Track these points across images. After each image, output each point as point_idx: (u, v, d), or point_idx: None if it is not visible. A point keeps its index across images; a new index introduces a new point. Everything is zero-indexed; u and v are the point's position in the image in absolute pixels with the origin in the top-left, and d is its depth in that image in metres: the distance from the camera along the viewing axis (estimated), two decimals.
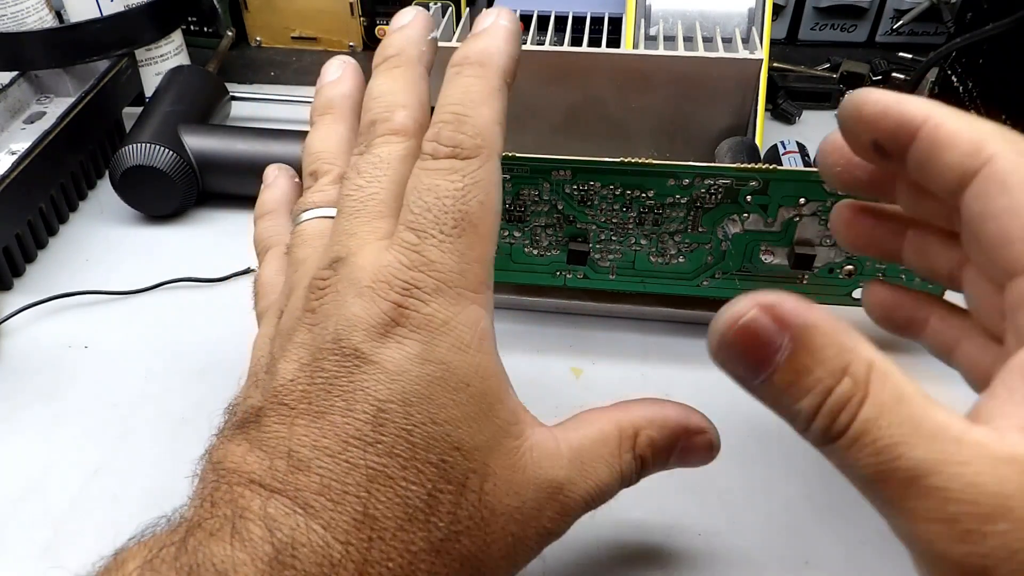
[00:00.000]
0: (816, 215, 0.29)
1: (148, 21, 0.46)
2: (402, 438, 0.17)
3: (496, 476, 0.18)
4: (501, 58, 0.21)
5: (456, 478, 0.18)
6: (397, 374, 0.18)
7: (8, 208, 0.36)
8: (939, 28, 0.55)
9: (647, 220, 0.30)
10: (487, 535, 0.18)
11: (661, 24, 0.41)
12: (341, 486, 0.17)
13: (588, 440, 0.20)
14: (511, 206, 0.30)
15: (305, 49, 0.57)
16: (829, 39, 0.57)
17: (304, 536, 0.16)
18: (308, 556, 0.16)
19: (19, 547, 0.26)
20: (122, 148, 0.39)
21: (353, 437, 0.17)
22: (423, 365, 0.18)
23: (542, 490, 0.19)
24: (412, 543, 0.17)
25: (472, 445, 0.18)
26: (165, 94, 0.43)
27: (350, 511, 0.17)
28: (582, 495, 0.20)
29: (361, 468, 0.17)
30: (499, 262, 0.32)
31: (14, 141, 0.41)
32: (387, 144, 0.21)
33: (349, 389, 0.18)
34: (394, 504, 0.17)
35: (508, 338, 0.33)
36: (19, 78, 0.44)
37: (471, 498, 0.18)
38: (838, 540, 0.25)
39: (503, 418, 0.19)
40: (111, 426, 0.30)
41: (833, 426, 0.15)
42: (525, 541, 0.19)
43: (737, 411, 0.30)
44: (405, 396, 0.18)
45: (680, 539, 0.26)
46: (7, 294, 0.36)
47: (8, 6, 0.43)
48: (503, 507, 0.18)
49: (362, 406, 0.18)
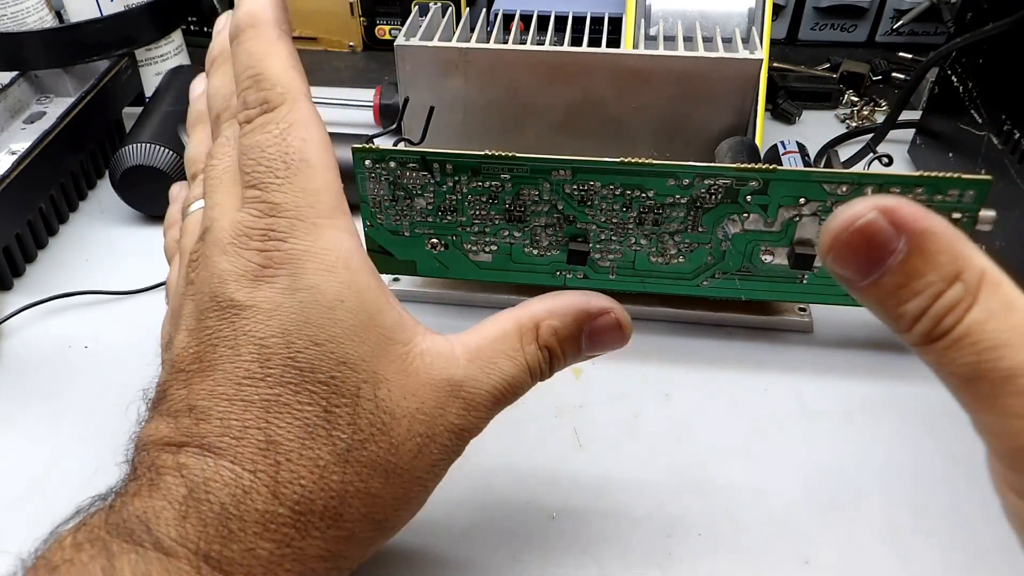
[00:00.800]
0: (816, 215, 0.29)
1: (148, 21, 0.46)
2: (288, 366, 0.19)
3: (389, 382, 0.20)
4: (267, 11, 0.22)
5: (348, 391, 0.19)
6: (272, 310, 0.19)
7: (8, 208, 0.36)
8: (939, 28, 0.55)
9: (647, 220, 0.30)
10: (392, 438, 0.19)
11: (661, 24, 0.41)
12: (241, 423, 0.18)
13: (487, 339, 0.22)
14: (511, 206, 0.30)
15: (305, 49, 0.57)
16: (829, 39, 0.57)
17: (214, 473, 0.18)
18: (220, 488, 0.18)
19: (19, 547, 0.26)
20: (122, 148, 0.39)
21: (244, 378, 0.19)
22: (294, 294, 0.19)
23: (440, 389, 0.20)
24: (319, 459, 0.18)
25: (358, 357, 0.19)
26: (165, 94, 0.43)
27: (253, 442, 0.18)
28: (488, 390, 0.21)
29: (256, 403, 0.18)
30: (499, 262, 0.32)
31: (14, 141, 0.41)
32: (231, 126, 0.23)
33: (232, 337, 0.19)
34: (294, 427, 0.18)
35: None
36: (19, 78, 0.44)
37: (367, 406, 0.19)
38: (838, 540, 0.25)
39: (386, 327, 0.20)
40: (111, 426, 0.30)
41: (936, 329, 0.16)
42: (435, 439, 0.20)
43: (738, 411, 0.30)
44: (283, 328, 0.19)
45: (680, 539, 0.26)
46: (7, 294, 0.36)
47: (8, 6, 0.43)
48: (402, 410, 0.20)
49: (247, 348, 0.19)
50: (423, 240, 0.32)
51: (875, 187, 0.28)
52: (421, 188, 0.30)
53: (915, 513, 0.26)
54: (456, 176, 0.30)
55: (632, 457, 0.28)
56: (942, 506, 0.26)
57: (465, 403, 0.21)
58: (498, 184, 0.30)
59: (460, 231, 0.31)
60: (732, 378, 0.31)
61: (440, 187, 0.30)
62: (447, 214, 0.31)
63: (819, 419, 0.30)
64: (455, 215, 0.31)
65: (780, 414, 0.30)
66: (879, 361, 0.32)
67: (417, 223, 0.31)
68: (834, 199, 0.28)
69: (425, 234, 0.32)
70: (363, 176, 0.30)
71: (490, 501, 0.27)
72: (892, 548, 0.25)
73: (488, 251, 0.32)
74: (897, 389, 0.30)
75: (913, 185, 0.27)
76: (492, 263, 0.32)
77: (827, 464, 0.28)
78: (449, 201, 0.30)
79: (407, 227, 0.32)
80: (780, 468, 0.28)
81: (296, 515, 0.18)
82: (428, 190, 0.30)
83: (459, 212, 0.31)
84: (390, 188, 0.30)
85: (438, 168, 0.30)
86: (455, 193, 0.30)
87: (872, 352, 0.32)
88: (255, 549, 0.18)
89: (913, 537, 0.25)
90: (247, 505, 0.18)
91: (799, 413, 0.30)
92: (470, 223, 0.31)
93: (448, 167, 0.30)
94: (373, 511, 0.19)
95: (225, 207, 0.21)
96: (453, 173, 0.30)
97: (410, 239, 0.32)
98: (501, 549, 0.25)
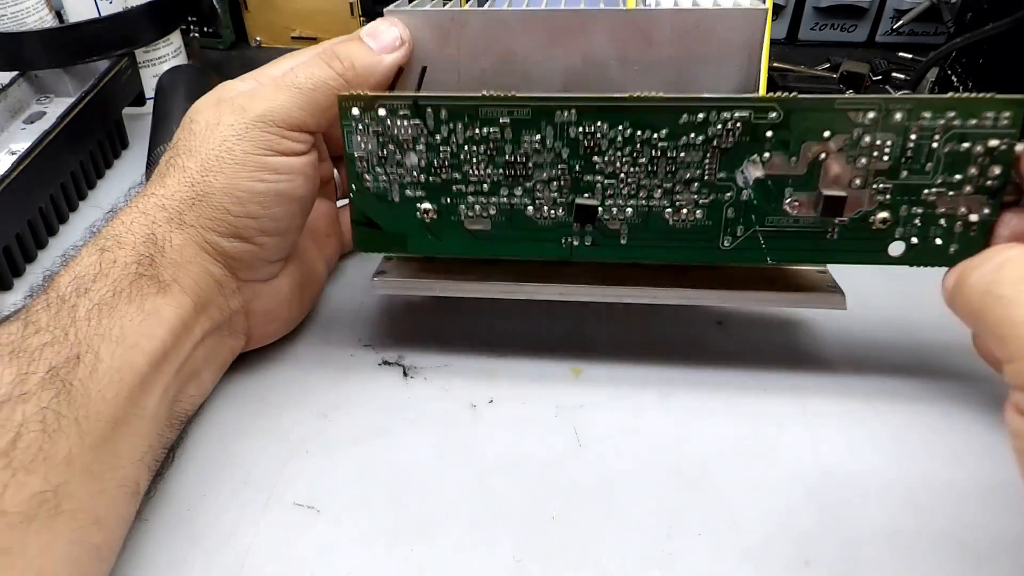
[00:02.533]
0: (843, 152, 0.27)
1: (147, 21, 0.46)
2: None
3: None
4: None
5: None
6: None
7: (8, 208, 0.36)
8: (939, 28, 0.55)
9: (660, 169, 0.28)
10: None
11: None
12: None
13: None
14: (511, 158, 0.28)
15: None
16: (829, 39, 0.57)
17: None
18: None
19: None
20: (161, 147, 0.38)
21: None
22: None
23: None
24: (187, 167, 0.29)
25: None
26: (175, 92, 0.43)
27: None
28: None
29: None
30: (497, 230, 0.30)
31: (14, 141, 0.41)
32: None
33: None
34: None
35: (508, 339, 0.33)
36: (19, 78, 0.44)
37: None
38: (838, 540, 0.25)
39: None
40: None
41: None
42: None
43: (738, 410, 0.30)
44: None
45: (680, 539, 0.26)
46: (7, 294, 0.37)
47: (8, 6, 0.43)
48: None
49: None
50: (413, 207, 0.29)
51: (903, 111, 0.26)
52: (413, 140, 0.28)
53: (915, 513, 0.26)
54: (451, 123, 0.28)
55: (632, 457, 0.28)
56: (943, 506, 0.26)
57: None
58: (497, 131, 0.28)
59: (455, 192, 0.29)
60: (732, 377, 0.31)
61: (433, 137, 0.28)
62: (441, 171, 0.29)
63: (820, 418, 0.30)
64: (450, 172, 0.29)
65: (780, 413, 0.30)
66: (880, 361, 0.32)
67: (407, 184, 0.29)
68: (860, 130, 0.27)
69: (416, 198, 0.29)
70: (350, 129, 0.28)
71: (490, 501, 0.27)
72: (892, 548, 0.25)
73: (486, 216, 0.29)
74: (898, 389, 0.30)
75: (944, 109, 0.26)
76: (490, 232, 0.29)
77: (827, 464, 0.28)
78: (443, 155, 0.28)
79: (396, 191, 0.29)
80: (780, 468, 0.28)
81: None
82: (420, 142, 0.28)
83: (454, 169, 0.28)
84: (379, 142, 0.28)
85: (431, 114, 0.28)
86: (450, 144, 0.28)
87: (873, 352, 0.32)
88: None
89: (913, 537, 0.25)
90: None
91: (799, 413, 0.30)
92: (466, 181, 0.29)
93: (443, 112, 0.28)
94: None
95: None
96: (448, 120, 0.28)
97: (399, 206, 0.29)
98: (501, 549, 0.25)
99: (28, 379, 0.22)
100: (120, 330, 0.24)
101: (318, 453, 0.28)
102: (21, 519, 0.20)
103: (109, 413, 0.23)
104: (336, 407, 0.30)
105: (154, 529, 0.26)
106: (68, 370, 0.23)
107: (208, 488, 0.27)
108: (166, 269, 0.27)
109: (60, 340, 0.23)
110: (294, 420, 0.30)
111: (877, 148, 0.27)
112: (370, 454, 0.28)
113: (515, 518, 0.26)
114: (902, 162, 0.27)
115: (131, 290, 0.25)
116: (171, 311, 0.26)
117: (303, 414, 0.30)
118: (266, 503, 0.27)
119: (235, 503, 0.27)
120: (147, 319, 0.25)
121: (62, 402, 0.22)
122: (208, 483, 0.27)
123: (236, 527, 0.26)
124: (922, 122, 0.26)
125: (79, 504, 0.22)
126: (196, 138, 0.29)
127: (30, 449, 0.21)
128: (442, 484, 0.27)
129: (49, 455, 0.21)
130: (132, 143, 0.47)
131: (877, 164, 0.27)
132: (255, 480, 0.27)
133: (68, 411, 0.22)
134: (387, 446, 0.29)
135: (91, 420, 0.22)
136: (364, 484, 0.27)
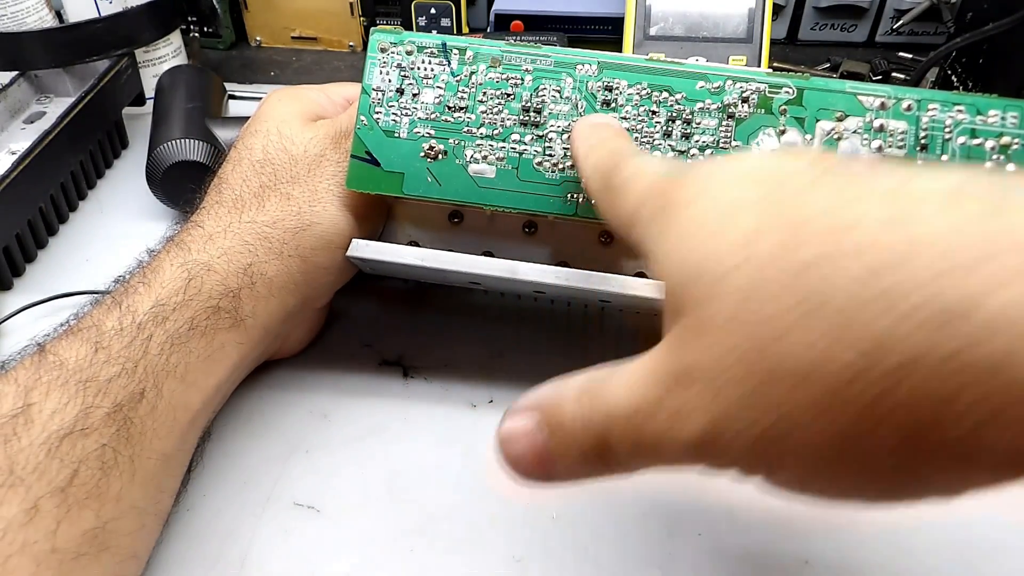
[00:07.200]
0: (859, 133, 0.27)
1: (147, 21, 0.46)
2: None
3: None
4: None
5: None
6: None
7: (8, 208, 0.36)
8: (939, 28, 0.55)
9: (675, 130, 0.28)
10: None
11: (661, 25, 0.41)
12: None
13: None
14: (528, 103, 0.28)
15: (305, 49, 0.57)
16: (829, 39, 0.57)
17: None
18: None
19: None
20: (160, 147, 0.38)
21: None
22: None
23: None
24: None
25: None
26: (174, 92, 0.43)
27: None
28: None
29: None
30: (502, 178, 0.28)
31: (14, 141, 0.41)
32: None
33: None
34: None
35: (508, 339, 0.33)
36: (19, 78, 0.44)
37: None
38: (838, 540, 0.25)
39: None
40: None
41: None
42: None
43: None
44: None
45: (680, 539, 0.26)
46: (7, 294, 0.36)
47: (8, 6, 0.43)
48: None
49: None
50: (419, 145, 0.28)
51: (913, 101, 0.27)
52: (433, 79, 0.28)
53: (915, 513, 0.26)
54: (474, 65, 0.28)
55: None
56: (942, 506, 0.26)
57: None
58: (518, 77, 0.28)
59: (465, 134, 0.28)
60: None
61: (454, 77, 0.28)
62: (455, 111, 0.28)
63: None
64: (463, 113, 0.28)
65: None
66: None
67: (418, 121, 0.28)
68: (874, 115, 0.27)
69: (424, 136, 0.28)
70: (373, 62, 0.29)
71: (490, 501, 0.27)
72: (892, 548, 0.25)
73: (492, 161, 0.28)
74: None
75: (953, 104, 0.26)
76: (494, 180, 0.28)
77: None
78: (460, 95, 0.28)
79: (405, 126, 0.28)
80: None
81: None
82: (439, 80, 0.28)
83: (468, 110, 0.28)
84: (400, 77, 0.28)
85: (456, 55, 0.28)
86: (469, 86, 0.28)
87: None
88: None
89: (914, 537, 0.25)
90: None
91: None
92: (479, 123, 0.28)
93: (469, 54, 0.28)
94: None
95: None
96: (472, 62, 0.28)
97: (405, 143, 0.28)
98: (501, 549, 0.25)
99: (93, 413, 0.22)
100: (184, 367, 0.24)
101: (318, 453, 0.28)
102: (72, 556, 0.20)
103: (160, 450, 0.23)
104: (336, 407, 0.30)
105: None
106: (131, 407, 0.23)
107: (208, 488, 0.27)
108: (248, 303, 0.26)
109: (129, 372, 0.23)
110: (294, 420, 0.30)
111: (891, 134, 0.27)
112: (370, 454, 0.28)
113: (515, 518, 0.26)
114: (917, 151, 0.27)
115: (206, 325, 0.25)
116: (235, 348, 0.26)
117: (303, 414, 0.30)
118: (266, 503, 0.27)
119: (235, 503, 0.27)
120: (212, 355, 0.25)
121: (121, 439, 0.22)
122: (208, 483, 0.27)
123: (236, 527, 0.26)
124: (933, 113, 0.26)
125: (122, 540, 0.22)
126: (298, 165, 0.29)
127: (86, 486, 0.21)
128: (442, 484, 0.27)
129: (103, 492, 0.21)
130: (132, 143, 0.47)
131: (893, 151, 0.27)
132: (255, 480, 0.27)
133: (125, 449, 0.22)
134: (387, 446, 0.29)
135: (143, 458, 0.23)
136: (364, 484, 0.27)
